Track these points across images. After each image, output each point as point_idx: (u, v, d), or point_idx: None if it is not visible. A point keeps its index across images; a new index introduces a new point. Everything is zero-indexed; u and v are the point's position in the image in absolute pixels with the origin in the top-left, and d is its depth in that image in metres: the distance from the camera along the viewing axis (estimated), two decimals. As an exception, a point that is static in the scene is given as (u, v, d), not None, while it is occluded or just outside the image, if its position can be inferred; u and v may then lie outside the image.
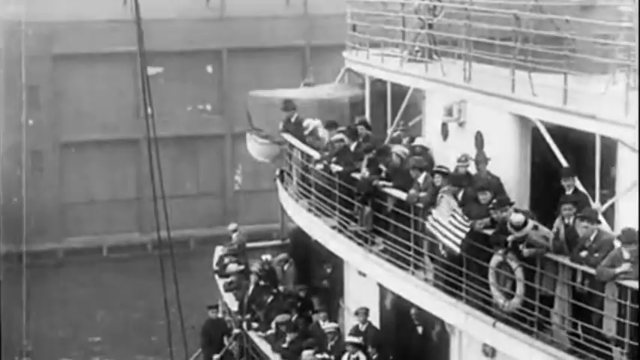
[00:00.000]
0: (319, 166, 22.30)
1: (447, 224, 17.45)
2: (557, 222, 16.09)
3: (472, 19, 19.44)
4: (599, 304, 14.79)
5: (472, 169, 19.10)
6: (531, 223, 16.14)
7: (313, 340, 21.98)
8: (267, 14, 45.15)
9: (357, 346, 20.19)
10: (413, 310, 19.86)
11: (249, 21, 44.90)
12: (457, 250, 17.28)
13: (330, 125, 23.18)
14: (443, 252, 17.80)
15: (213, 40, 45.21)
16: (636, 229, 15.03)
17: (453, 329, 18.68)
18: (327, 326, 21.83)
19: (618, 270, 14.54)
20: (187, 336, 23.73)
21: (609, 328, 14.61)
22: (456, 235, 17.28)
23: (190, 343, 24.54)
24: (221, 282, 27.18)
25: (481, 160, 19.03)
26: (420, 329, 20.10)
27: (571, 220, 15.98)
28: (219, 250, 28.71)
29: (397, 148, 20.56)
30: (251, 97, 27.21)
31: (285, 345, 22.52)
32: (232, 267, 27.12)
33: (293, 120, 24.75)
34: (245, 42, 45.09)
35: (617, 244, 15.19)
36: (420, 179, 19.28)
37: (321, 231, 22.43)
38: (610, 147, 17.87)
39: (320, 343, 21.73)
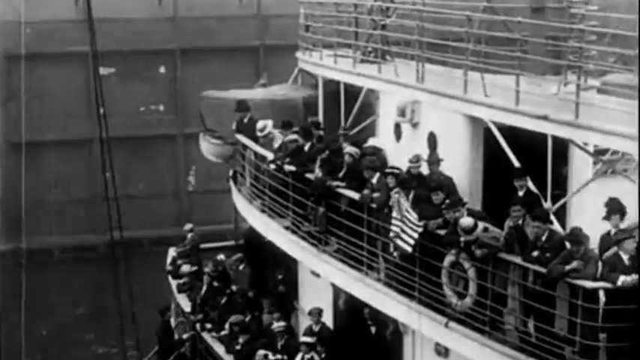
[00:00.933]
0: (272, 167, 22.27)
1: (401, 224, 17.50)
2: (508, 222, 16.18)
3: (425, 20, 19.51)
4: (551, 304, 14.89)
5: (426, 170, 19.18)
6: (481, 225, 16.24)
7: (266, 341, 21.98)
8: (220, 14, 45.00)
9: (311, 347, 20.21)
10: (366, 310, 19.91)
11: (202, 21, 44.74)
12: (409, 249, 17.34)
13: (285, 125, 23.17)
14: (394, 253, 17.84)
15: (166, 40, 45.01)
16: (584, 229, 15.16)
17: (407, 329, 18.76)
18: (277, 325, 21.82)
19: (568, 267, 14.65)
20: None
21: (561, 327, 14.72)
22: (409, 236, 17.33)
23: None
24: (174, 283, 27.11)
25: (433, 160, 19.12)
26: (373, 329, 20.17)
27: (520, 222, 16.08)
28: (172, 251, 28.63)
29: (349, 149, 20.60)
30: (204, 97, 27.13)
31: (238, 346, 22.49)
32: (185, 268, 27.07)
33: (246, 120, 24.72)
34: (198, 42, 44.92)
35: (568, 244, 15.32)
36: (374, 180, 19.32)
37: (275, 231, 22.41)
38: (561, 147, 18.05)
39: (273, 343, 21.73)
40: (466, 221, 16.29)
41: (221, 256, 26.27)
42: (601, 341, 14.17)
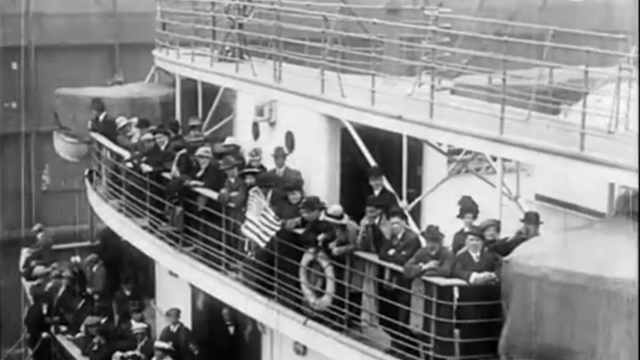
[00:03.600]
0: (129, 166, 22.02)
1: (258, 223, 17.52)
2: (364, 221, 16.38)
3: (282, 19, 19.57)
4: (406, 301, 15.13)
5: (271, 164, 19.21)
6: (347, 216, 16.42)
7: (124, 343, 21.72)
8: (76, 11, 44.21)
9: (165, 352, 20.03)
10: (225, 310, 19.87)
11: (57, 18, 43.88)
12: (261, 244, 17.34)
13: (141, 124, 22.93)
14: (249, 252, 17.85)
15: (19, 36, 43.96)
16: (439, 227, 15.44)
17: (265, 328, 18.80)
18: (136, 327, 21.59)
19: (425, 267, 14.91)
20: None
21: (416, 324, 14.97)
22: (265, 233, 17.36)
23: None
24: (28, 285, 26.55)
25: (279, 154, 19.19)
26: (232, 329, 20.14)
27: (377, 221, 16.29)
28: (25, 253, 28.03)
29: (202, 150, 20.51)
30: (58, 95, 26.59)
31: (95, 348, 22.17)
32: (39, 269, 26.54)
33: (102, 119, 24.36)
34: (53, 39, 44.03)
35: (424, 241, 15.58)
36: (232, 179, 19.29)
37: (132, 231, 22.16)
38: (417, 147, 18.36)
39: (131, 345, 21.49)
40: (335, 207, 16.46)
41: (77, 258, 25.82)
42: (455, 337, 14.47)
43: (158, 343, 20.31)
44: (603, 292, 12.88)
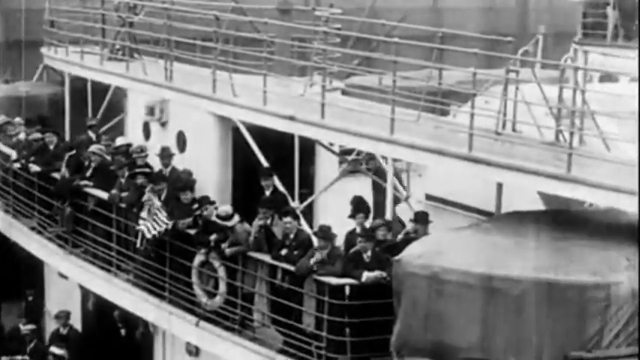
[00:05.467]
0: (17, 166, 21.66)
1: (151, 222, 17.43)
2: (256, 222, 16.39)
3: (173, 18, 19.45)
4: (299, 301, 15.20)
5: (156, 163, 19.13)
6: (237, 217, 16.41)
7: (12, 345, 21.35)
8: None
9: (59, 358, 19.74)
10: (116, 312, 19.68)
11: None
12: (148, 235, 17.25)
13: (29, 123, 22.59)
14: (141, 246, 17.72)
15: None
16: (331, 227, 15.54)
17: (157, 329, 18.67)
18: (24, 328, 21.22)
19: (312, 260, 14.98)
20: None
21: (308, 324, 15.04)
22: (154, 228, 17.30)
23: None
24: None
25: (165, 155, 19.10)
26: (123, 331, 19.95)
27: (268, 222, 16.32)
28: None
29: (94, 147, 20.28)
30: (-57, 94, 25.99)
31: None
32: None
33: (-11, 118, 23.92)
34: None
35: (316, 241, 15.67)
36: (122, 179, 19.12)
37: (20, 232, 21.81)
38: (309, 147, 18.44)
39: (20, 347, 21.13)
40: (225, 207, 16.44)
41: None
42: (347, 336, 14.58)
43: (53, 349, 19.95)
44: (491, 289, 13.12)
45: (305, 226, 16.64)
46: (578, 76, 14.33)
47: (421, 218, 15.84)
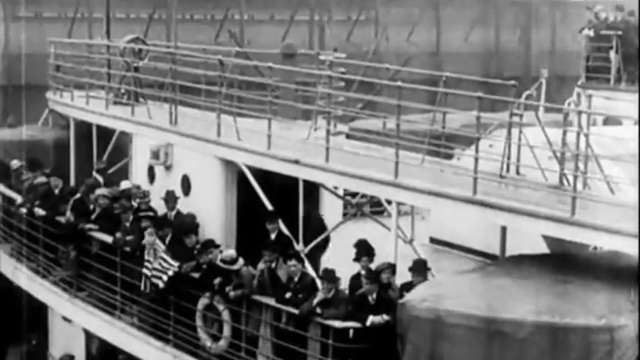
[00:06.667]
0: (23, 211, 21.71)
1: (157, 266, 17.46)
2: (261, 265, 16.40)
3: (178, 62, 19.58)
4: (303, 344, 15.16)
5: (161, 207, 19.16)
6: (242, 260, 16.44)
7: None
8: (-34, 52, 43.54)
9: None
10: (121, 357, 19.62)
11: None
12: (161, 284, 17.27)
13: (33, 166, 22.66)
14: (146, 290, 17.72)
15: None
16: (335, 270, 15.54)
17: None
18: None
19: (315, 300, 14.96)
20: None
21: (313, 367, 15.02)
22: (163, 272, 17.31)
23: None
24: None
25: (170, 198, 19.14)
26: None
27: (273, 265, 16.34)
28: None
29: (101, 191, 20.34)
30: (-53, 137, 26.08)
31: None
32: None
33: (-7, 161, 24.01)
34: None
35: (320, 284, 15.65)
36: (127, 222, 19.16)
37: (25, 276, 21.80)
38: (313, 190, 18.47)
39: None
40: (229, 252, 16.46)
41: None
42: (351, 379, 14.54)
43: None
44: (496, 333, 13.11)
45: (309, 269, 16.64)
46: (581, 120, 14.40)
47: (418, 267, 15.62)
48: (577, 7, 36.03)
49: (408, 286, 15.08)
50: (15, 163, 23.21)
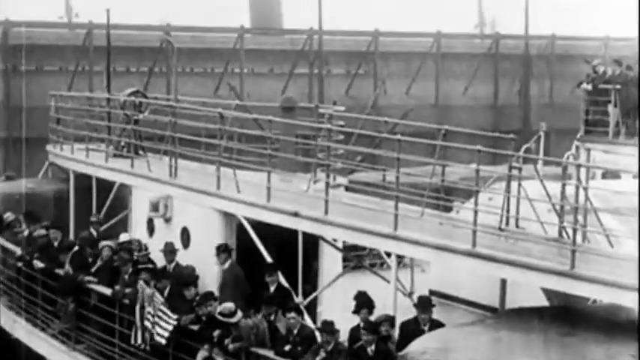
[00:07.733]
0: (21, 264, 21.67)
1: (156, 319, 17.42)
2: (259, 318, 16.34)
3: (178, 115, 19.66)
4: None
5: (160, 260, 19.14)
6: (240, 313, 16.40)
7: None
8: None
9: None
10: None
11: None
12: (163, 341, 17.21)
13: (30, 219, 22.66)
14: (143, 345, 17.65)
15: None
16: (334, 322, 15.50)
17: None
18: None
19: (317, 359, 14.90)
20: None
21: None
22: (164, 329, 17.26)
23: None
24: None
25: (168, 250, 19.13)
26: None
27: (272, 317, 16.29)
28: None
29: (106, 242, 20.33)
30: (-53, 188, 26.09)
31: None
32: None
33: (-9, 214, 24.00)
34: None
35: (319, 337, 15.60)
36: (126, 275, 19.13)
37: (23, 329, 21.72)
38: (312, 243, 18.47)
39: None
40: (227, 305, 16.40)
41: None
42: None
43: None
44: (497, 386, 13.05)
45: (309, 322, 16.59)
46: (580, 173, 14.43)
47: (424, 304, 15.67)
48: (576, 61, 36.23)
49: (409, 324, 15.07)
50: (8, 216, 23.21)
